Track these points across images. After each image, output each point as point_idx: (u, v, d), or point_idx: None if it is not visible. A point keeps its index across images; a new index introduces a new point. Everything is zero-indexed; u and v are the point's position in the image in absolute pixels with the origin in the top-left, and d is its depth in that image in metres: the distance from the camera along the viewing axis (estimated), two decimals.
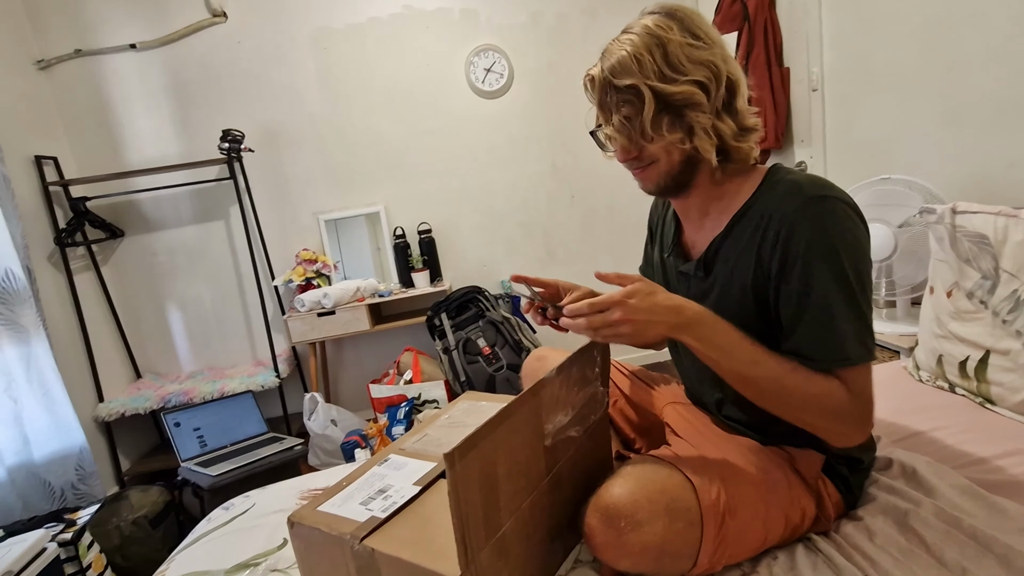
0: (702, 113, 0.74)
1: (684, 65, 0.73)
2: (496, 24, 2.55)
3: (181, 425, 2.11)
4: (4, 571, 1.21)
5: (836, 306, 0.68)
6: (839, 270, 0.68)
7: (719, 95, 0.74)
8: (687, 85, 0.72)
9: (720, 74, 0.74)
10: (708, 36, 0.75)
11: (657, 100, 0.73)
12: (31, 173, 2.14)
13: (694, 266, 0.84)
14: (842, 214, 0.69)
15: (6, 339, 1.76)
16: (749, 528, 0.72)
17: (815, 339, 0.70)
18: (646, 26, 0.74)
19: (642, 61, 0.73)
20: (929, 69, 1.51)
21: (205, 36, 2.38)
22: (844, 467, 0.81)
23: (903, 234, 1.46)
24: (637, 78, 0.73)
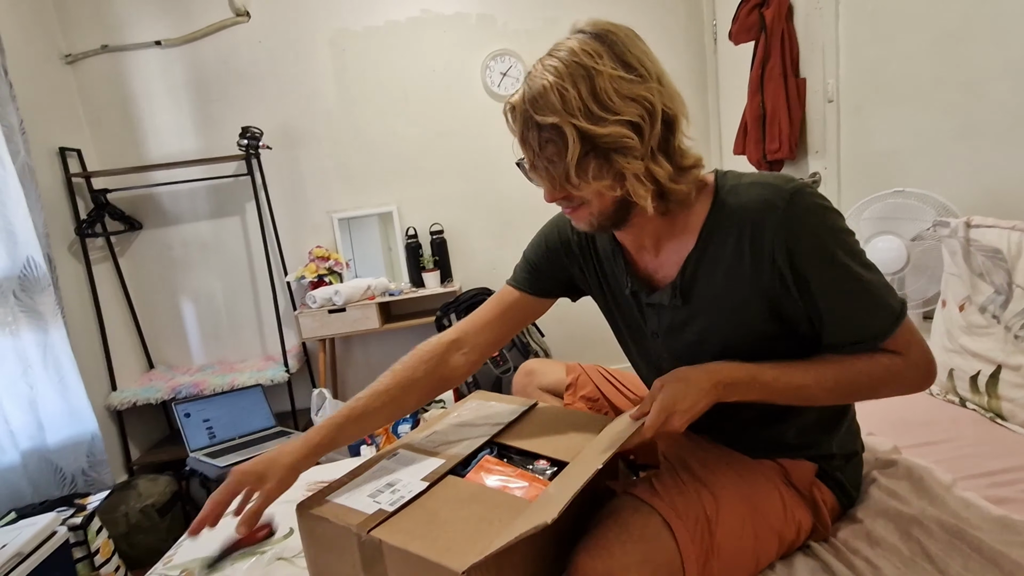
0: (633, 159, 0.66)
1: (613, 102, 0.65)
2: (512, 29, 2.58)
3: (191, 416, 2.14)
4: (15, 552, 1.24)
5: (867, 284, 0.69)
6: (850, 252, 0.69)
7: (654, 134, 0.67)
8: (616, 126, 0.65)
9: (655, 111, 0.66)
10: (642, 65, 0.67)
11: (583, 142, 0.65)
12: (55, 164, 2.19)
13: (668, 295, 0.77)
14: (818, 199, 0.69)
15: (25, 325, 1.80)
16: (737, 560, 0.70)
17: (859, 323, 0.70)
18: (573, 51, 0.67)
19: (566, 97, 0.65)
20: (945, 81, 1.51)
21: (228, 35, 2.43)
22: (839, 469, 0.80)
23: (915, 247, 1.45)
24: (560, 116, 0.65)
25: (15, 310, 1.78)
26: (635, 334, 0.89)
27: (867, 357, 0.70)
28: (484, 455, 0.83)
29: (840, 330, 0.70)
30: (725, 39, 2.29)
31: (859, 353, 0.71)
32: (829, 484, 0.80)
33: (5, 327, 1.75)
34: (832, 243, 0.68)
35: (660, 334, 0.82)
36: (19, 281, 1.80)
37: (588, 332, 2.77)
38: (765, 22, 2.02)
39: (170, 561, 0.94)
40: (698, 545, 0.67)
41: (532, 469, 0.78)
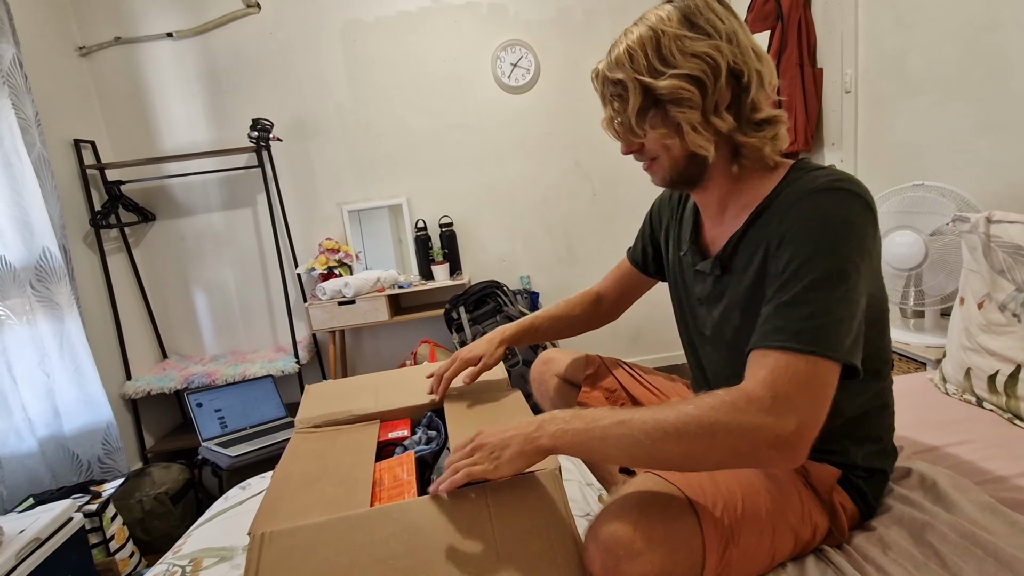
0: (690, 109, 0.71)
1: (675, 58, 0.70)
2: (524, 19, 2.55)
3: (203, 406, 2.16)
4: (33, 537, 1.27)
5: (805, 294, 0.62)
6: (819, 259, 0.63)
7: (718, 87, 0.70)
8: (674, 79, 0.70)
9: (718, 67, 0.70)
10: (711, 25, 0.71)
11: (644, 95, 0.72)
12: (70, 156, 2.21)
13: (711, 264, 0.81)
14: (843, 202, 0.65)
15: (41, 315, 1.83)
16: (754, 551, 0.70)
17: (770, 320, 0.64)
18: (648, 19, 0.73)
19: (635, 56, 0.72)
20: (968, 72, 1.46)
21: (239, 26, 2.43)
22: (862, 480, 0.79)
23: (934, 243, 1.42)
24: (627, 72, 0.72)
25: (32, 300, 1.81)
26: (687, 297, 0.92)
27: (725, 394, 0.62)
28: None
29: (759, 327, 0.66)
30: None
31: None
32: (851, 492, 0.78)
33: (22, 316, 1.78)
34: (824, 243, 0.63)
35: (704, 301, 0.85)
36: (35, 271, 1.83)
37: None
38: (782, 10, 1.97)
39: (180, 551, 0.95)
40: (720, 531, 0.67)
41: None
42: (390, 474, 0.81)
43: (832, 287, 0.62)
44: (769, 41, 2.05)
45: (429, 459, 0.87)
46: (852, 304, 0.63)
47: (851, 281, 0.63)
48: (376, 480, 0.81)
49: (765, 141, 0.73)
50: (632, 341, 2.86)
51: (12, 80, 1.82)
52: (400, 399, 1.04)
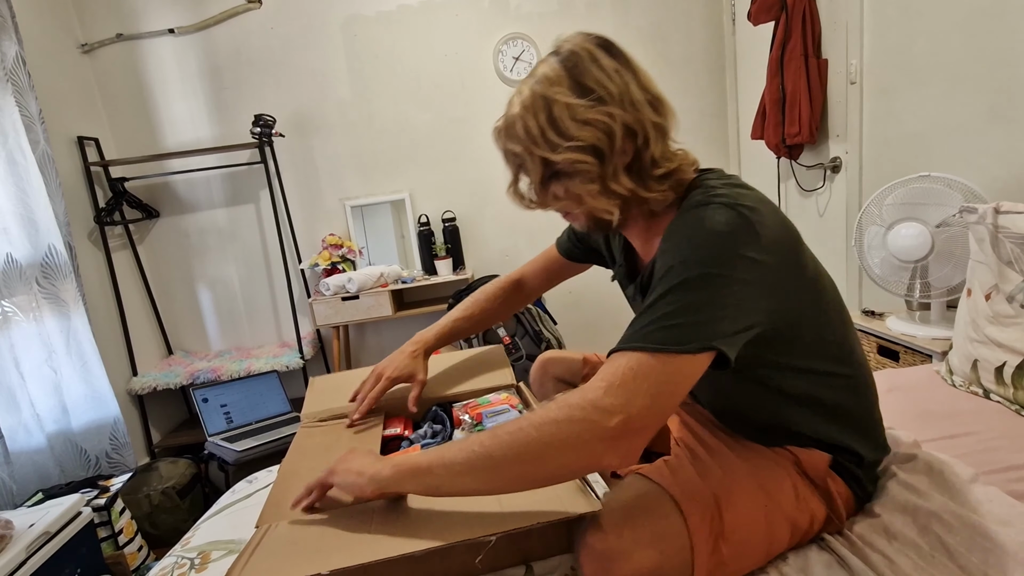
0: (588, 182, 0.70)
1: (569, 128, 0.68)
2: (526, 12, 2.53)
3: (209, 401, 2.18)
4: (43, 531, 1.28)
5: (654, 305, 0.63)
6: (679, 268, 0.62)
7: (615, 152, 0.69)
8: (570, 152, 0.68)
9: (613, 131, 0.68)
10: (601, 86, 0.68)
11: (544, 167, 0.71)
12: (74, 153, 2.22)
13: (633, 289, 0.84)
14: (711, 215, 0.63)
15: (48, 312, 1.85)
16: (748, 545, 0.69)
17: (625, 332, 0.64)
18: (539, 79, 0.71)
19: (528, 127, 0.70)
20: (975, 61, 1.45)
21: (240, 22, 2.43)
22: (853, 464, 0.78)
23: (940, 234, 1.41)
24: (523, 145, 0.71)
25: (38, 297, 1.82)
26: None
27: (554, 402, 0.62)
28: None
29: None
30: (744, 19, 2.22)
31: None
32: (844, 477, 0.78)
33: (29, 313, 1.79)
34: (688, 252, 0.63)
35: None
36: (41, 268, 1.84)
37: (601, 320, 2.77)
38: (786, 1, 1.96)
39: (188, 543, 0.96)
40: (708, 526, 0.67)
41: None
42: None
43: (688, 292, 0.61)
44: (773, 32, 2.04)
45: None
46: (716, 307, 0.61)
47: (715, 285, 0.61)
48: None
49: (667, 192, 0.73)
50: None
51: (15, 77, 1.82)
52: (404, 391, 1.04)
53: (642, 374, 0.59)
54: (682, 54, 2.62)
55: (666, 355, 0.60)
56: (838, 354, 0.76)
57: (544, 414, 0.61)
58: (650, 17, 2.58)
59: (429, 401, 1.04)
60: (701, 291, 0.61)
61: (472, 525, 0.63)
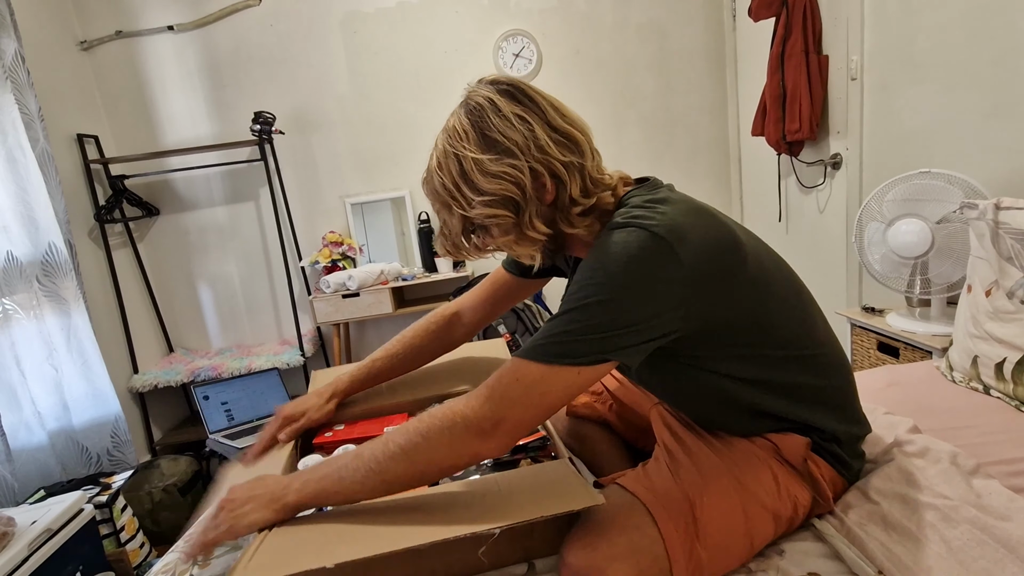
0: (503, 234, 0.72)
1: (479, 184, 0.69)
2: (526, 9, 2.53)
3: (210, 399, 2.18)
4: (45, 528, 1.28)
5: (552, 318, 0.67)
6: (581, 289, 0.65)
7: (528, 199, 0.70)
8: (483, 207, 0.70)
9: (522, 182, 0.69)
10: (504, 136, 0.69)
11: (463, 221, 0.73)
12: (73, 151, 2.22)
13: None
14: (623, 238, 0.65)
15: (48, 310, 1.85)
16: (727, 541, 0.70)
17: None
18: (449, 134, 0.72)
19: (444, 182, 0.72)
20: (976, 57, 1.45)
21: (239, 19, 2.42)
22: (830, 442, 0.78)
23: (941, 230, 1.41)
24: (440, 200, 0.74)
25: (39, 295, 1.82)
26: None
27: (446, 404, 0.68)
28: None
29: None
30: (744, 15, 2.22)
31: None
32: (826, 457, 0.78)
33: (30, 311, 1.79)
34: (594, 274, 0.65)
35: None
36: (42, 266, 1.84)
37: None
38: None
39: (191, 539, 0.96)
40: (682, 532, 0.67)
41: None
42: None
43: (589, 314, 0.64)
44: (774, 28, 2.03)
45: None
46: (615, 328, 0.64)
47: (616, 309, 0.63)
48: None
49: (593, 224, 0.74)
50: None
51: (15, 75, 1.82)
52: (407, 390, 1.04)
53: (526, 384, 0.65)
54: (682, 50, 2.61)
55: (555, 367, 0.64)
56: (795, 337, 0.76)
57: (431, 423, 0.67)
58: (650, 13, 2.57)
59: (432, 398, 1.04)
60: (602, 315, 0.64)
61: (475, 519, 0.63)
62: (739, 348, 0.74)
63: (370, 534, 0.63)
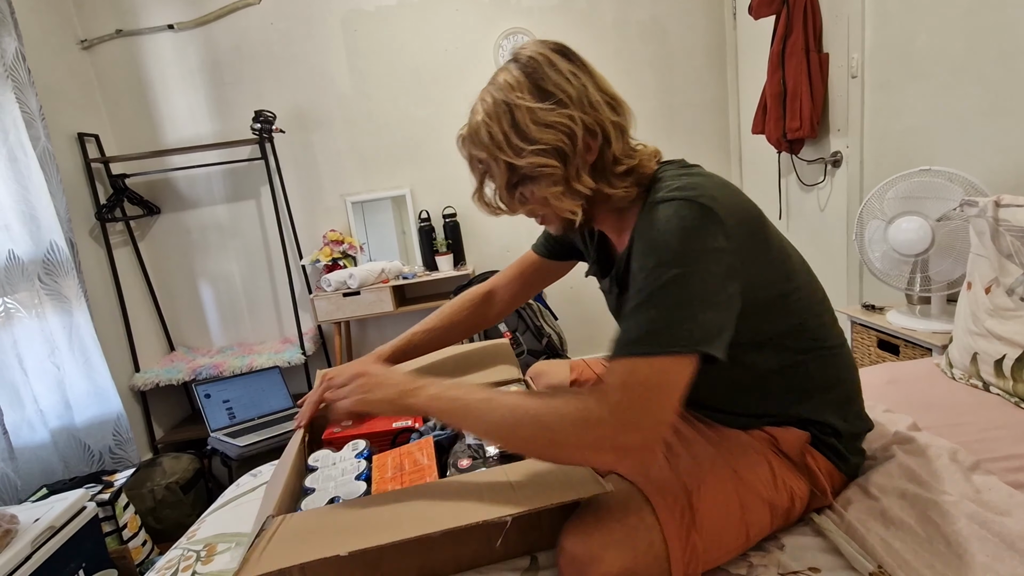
0: (552, 185, 0.72)
1: (531, 132, 0.70)
2: (526, 7, 2.53)
3: (211, 397, 2.19)
4: (47, 526, 1.29)
5: (642, 304, 0.64)
6: (655, 269, 0.64)
7: (577, 152, 0.71)
8: (534, 156, 0.70)
9: (574, 133, 0.70)
10: (560, 90, 0.70)
11: (509, 172, 0.73)
12: (74, 149, 2.22)
13: (608, 283, 0.85)
14: (675, 211, 0.65)
15: (50, 308, 1.85)
16: (723, 531, 0.70)
17: (615, 337, 0.66)
18: (500, 85, 0.73)
19: (492, 133, 0.72)
20: (977, 55, 1.45)
21: (239, 17, 2.42)
22: (831, 437, 0.79)
23: (941, 228, 1.41)
24: (488, 151, 0.73)
25: (40, 293, 1.82)
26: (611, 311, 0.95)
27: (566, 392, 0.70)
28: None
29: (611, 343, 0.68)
30: (744, 13, 2.22)
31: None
32: (824, 451, 0.79)
33: (31, 310, 1.80)
34: (654, 254, 0.64)
35: (615, 315, 0.88)
36: (43, 265, 1.84)
37: (601, 315, 2.77)
38: None
39: (194, 536, 0.97)
40: (678, 520, 0.67)
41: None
42: (410, 459, 0.82)
43: (669, 292, 0.63)
44: (774, 26, 2.03)
45: (446, 443, 0.88)
46: (697, 302, 0.62)
47: (692, 282, 0.62)
48: (397, 465, 0.82)
49: (631, 188, 0.74)
50: None
51: (15, 74, 1.82)
52: None
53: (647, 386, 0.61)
54: (683, 48, 2.61)
55: (655, 358, 0.61)
56: (813, 329, 0.77)
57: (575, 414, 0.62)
58: (651, 11, 2.57)
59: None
60: (679, 289, 0.62)
61: (486, 509, 0.63)
62: (766, 335, 0.74)
63: (382, 523, 0.64)
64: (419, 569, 0.71)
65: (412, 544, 0.60)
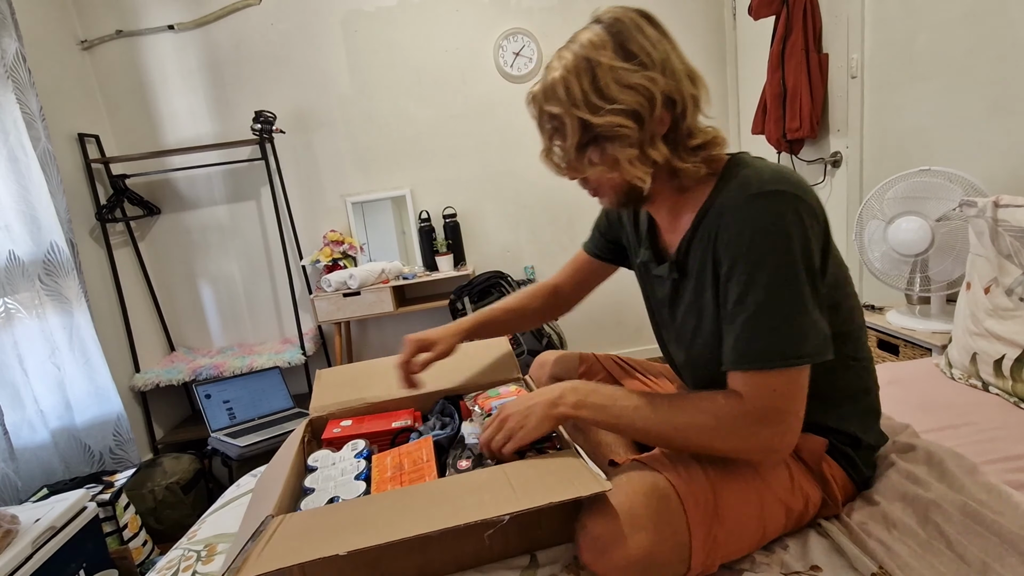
0: (628, 147, 0.70)
1: (612, 92, 0.69)
2: (526, 7, 2.53)
3: (211, 397, 2.19)
4: (48, 526, 1.29)
5: (762, 311, 0.66)
6: (772, 274, 0.65)
7: (654, 119, 0.70)
8: (612, 115, 0.69)
9: (654, 97, 0.69)
10: (645, 53, 0.69)
11: (583, 131, 0.71)
12: (74, 150, 2.22)
13: (667, 268, 0.83)
14: (785, 211, 0.65)
15: (51, 309, 1.85)
16: (743, 526, 0.71)
17: (736, 342, 0.68)
18: (582, 43, 0.71)
19: (571, 89, 0.70)
20: (977, 55, 1.45)
21: (240, 18, 2.42)
22: (849, 448, 0.79)
23: (940, 228, 1.41)
24: (564, 107, 0.71)
25: (41, 294, 1.82)
26: (651, 303, 0.94)
27: (718, 401, 0.70)
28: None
29: (727, 347, 0.70)
30: (744, 14, 2.22)
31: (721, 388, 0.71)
32: (839, 460, 0.79)
33: (32, 310, 1.80)
34: (766, 254, 0.65)
35: (666, 303, 0.87)
36: (44, 265, 1.84)
37: (602, 316, 2.77)
38: None
39: (194, 536, 0.97)
40: (703, 509, 0.68)
41: None
42: (409, 459, 0.82)
43: (783, 297, 0.65)
44: (774, 26, 2.03)
45: (445, 443, 0.88)
46: (807, 305, 0.66)
47: (800, 284, 0.65)
48: (396, 465, 0.82)
49: (700, 165, 0.73)
50: (636, 331, 2.86)
51: (16, 74, 1.82)
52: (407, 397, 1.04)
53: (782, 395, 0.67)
54: (683, 48, 2.61)
55: (786, 370, 0.66)
56: (854, 340, 0.78)
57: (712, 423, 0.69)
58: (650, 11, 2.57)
59: (437, 394, 1.04)
60: (791, 293, 0.65)
61: (485, 508, 0.63)
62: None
63: (381, 523, 0.64)
64: (419, 569, 0.71)
65: (411, 543, 0.60)
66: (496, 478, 0.70)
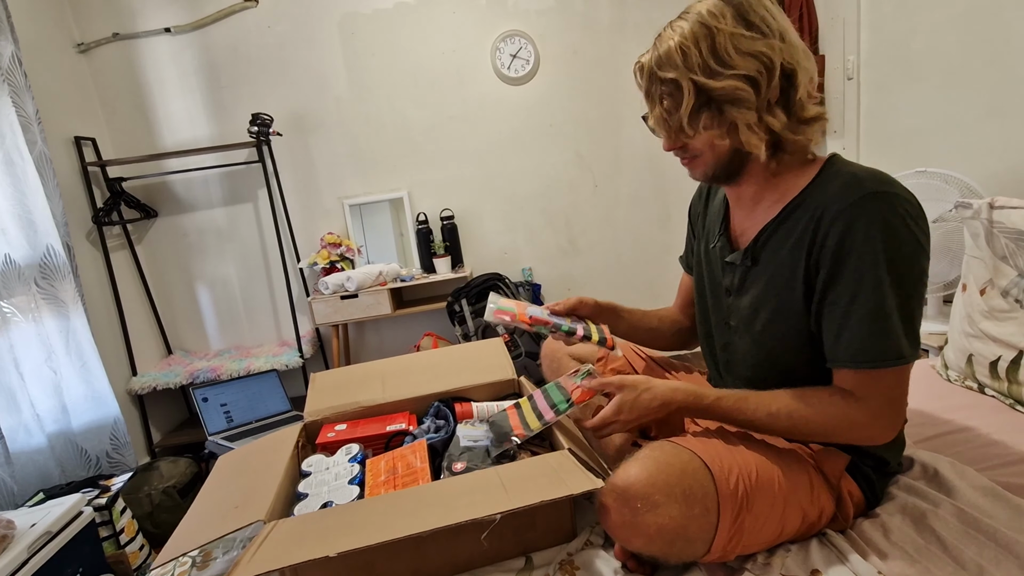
0: (747, 110, 0.71)
1: (731, 58, 0.70)
2: (523, 9, 2.53)
3: (209, 400, 2.18)
4: (44, 531, 1.28)
5: (879, 311, 0.68)
6: (891, 274, 0.67)
7: (771, 87, 0.71)
8: (731, 80, 0.70)
9: (773, 66, 0.70)
10: (765, 23, 0.71)
11: (698, 94, 0.72)
12: (71, 153, 2.22)
13: (741, 255, 0.83)
14: (902, 212, 0.67)
15: (47, 312, 1.85)
16: (766, 521, 0.71)
17: (850, 341, 0.70)
18: (700, 13, 0.72)
19: (688, 54, 0.71)
20: (972, 57, 1.45)
21: (236, 20, 2.42)
22: (870, 468, 0.80)
23: (937, 229, 1.42)
24: (680, 71, 0.72)
25: (37, 297, 1.82)
26: (715, 288, 0.92)
27: (827, 399, 0.72)
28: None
29: (839, 345, 0.71)
30: None
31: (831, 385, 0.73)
32: (858, 479, 0.80)
33: (28, 314, 1.79)
34: (881, 256, 0.67)
35: (732, 291, 0.86)
36: (40, 269, 1.84)
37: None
38: None
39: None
40: (734, 495, 0.69)
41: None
42: (403, 462, 0.82)
43: (901, 298, 0.68)
44: None
45: (439, 447, 0.88)
46: (917, 306, 0.69)
47: (918, 286, 0.69)
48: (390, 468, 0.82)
49: (810, 139, 0.75)
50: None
51: (12, 78, 1.81)
52: (406, 389, 1.05)
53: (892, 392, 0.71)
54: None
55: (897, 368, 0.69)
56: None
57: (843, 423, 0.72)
58: (648, 13, 2.58)
59: (431, 396, 1.04)
60: (907, 295, 0.68)
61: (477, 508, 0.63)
62: None
63: (373, 525, 0.64)
64: (414, 572, 0.71)
65: (405, 545, 0.60)
66: (489, 480, 0.70)
